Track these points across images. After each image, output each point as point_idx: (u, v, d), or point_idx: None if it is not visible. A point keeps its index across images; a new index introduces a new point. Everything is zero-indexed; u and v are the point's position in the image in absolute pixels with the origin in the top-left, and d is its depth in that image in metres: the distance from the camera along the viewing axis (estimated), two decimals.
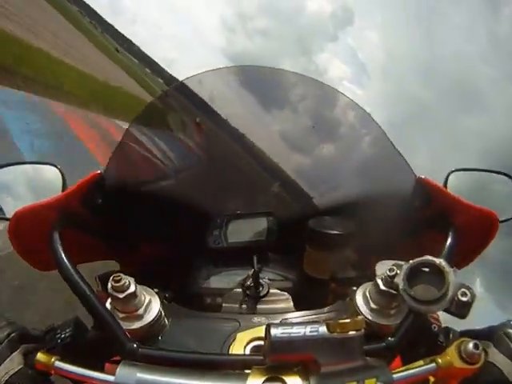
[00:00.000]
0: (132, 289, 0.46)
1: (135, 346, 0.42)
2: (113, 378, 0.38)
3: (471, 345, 0.39)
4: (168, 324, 0.50)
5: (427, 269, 0.41)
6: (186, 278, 0.74)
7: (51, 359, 0.42)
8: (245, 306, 0.63)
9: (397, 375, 0.38)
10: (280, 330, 0.36)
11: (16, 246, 0.54)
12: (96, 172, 0.61)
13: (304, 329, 0.36)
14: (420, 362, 0.41)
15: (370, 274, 0.64)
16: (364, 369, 0.36)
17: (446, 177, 0.74)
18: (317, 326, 0.36)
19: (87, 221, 0.60)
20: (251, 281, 0.64)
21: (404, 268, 0.42)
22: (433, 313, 0.47)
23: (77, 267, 0.48)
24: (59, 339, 0.44)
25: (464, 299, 0.39)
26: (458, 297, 0.39)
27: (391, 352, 0.44)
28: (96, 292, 0.47)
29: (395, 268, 0.45)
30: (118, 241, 0.69)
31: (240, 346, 0.48)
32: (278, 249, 0.76)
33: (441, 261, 0.40)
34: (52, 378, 0.44)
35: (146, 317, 0.48)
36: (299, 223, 0.68)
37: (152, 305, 0.49)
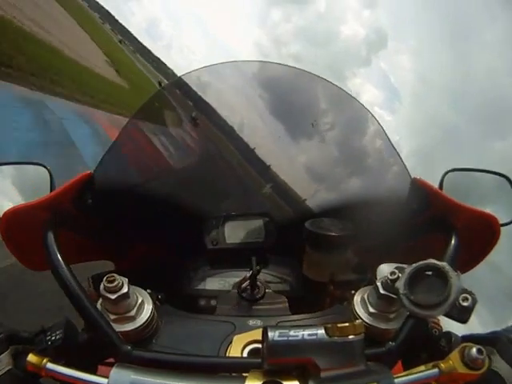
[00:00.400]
0: (124, 290, 0.45)
1: (129, 349, 0.41)
2: (106, 381, 0.37)
3: (475, 350, 0.38)
4: (161, 326, 0.50)
5: (430, 272, 0.40)
6: (181, 279, 0.73)
7: (42, 361, 0.41)
8: (240, 309, 0.62)
9: (399, 380, 0.38)
10: (277, 333, 0.35)
11: (9, 246, 0.53)
12: (86, 172, 0.61)
13: (302, 332, 0.35)
14: (422, 367, 0.40)
15: (370, 278, 0.63)
16: (365, 373, 0.36)
17: (442, 177, 0.73)
18: (315, 330, 0.35)
19: (79, 221, 0.60)
20: (248, 283, 0.63)
21: (407, 271, 0.41)
22: (433, 317, 0.46)
23: (70, 267, 0.48)
24: (49, 341, 0.43)
25: (465, 304, 0.38)
26: (460, 302, 0.38)
27: (392, 357, 0.43)
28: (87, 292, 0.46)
29: (397, 271, 0.45)
30: (111, 241, 0.68)
31: (237, 349, 0.47)
32: (277, 250, 0.75)
33: (444, 264, 0.39)
34: (42, 381, 0.43)
35: (138, 319, 0.47)
36: (296, 224, 0.67)
37: (144, 306, 0.48)
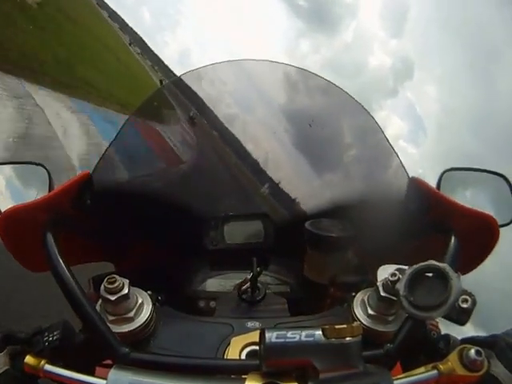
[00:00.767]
0: (125, 291, 0.45)
1: (127, 350, 0.41)
2: (104, 382, 0.37)
3: (473, 351, 0.38)
4: (160, 327, 0.49)
5: (430, 274, 0.40)
6: (181, 281, 0.73)
7: (40, 362, 0.41)
8: (239, 310, 0.62)
9: (398, 382, 0.38)
10: (275, 335, 0.35)
11: (8, 246, 0.53)
12: (84, 172, 0.60)
13: (299, 334, 0.35)
14: (421, 369, 0.40)
15: (370, 280, 0.63)
16: (364, 375, 0.36)
17: (440, 176, 0.73)
18: (312, 332, 0.35)
19: (79, 221, 0.59)
20: (248, 284, 0.63)
21: (407, 273, 0.41)
22: (432, 319, 0.46)
23: (70, 268, 0.48)
24: (47, 342, 0.43)
25: (465, 306, 0.38)
26: (459, 303, 0.38)
27: (391, 358, 0.43)
28: (87, 294, 0.46)
29: (397, 273, 0.44)
30: (111, 242, 0.68)
31: (235, 351, 0.47)
32: (277, 251, 0.75)
33: (445, 265, 0.39)
34: (39, 381, 0.43)
35: (137, 320, 0.47)
36: (296, 225, 0.67)
37: (143, 307, 0.48)
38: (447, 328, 0.46)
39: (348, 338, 0.34)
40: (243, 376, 0.37)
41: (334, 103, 0.78)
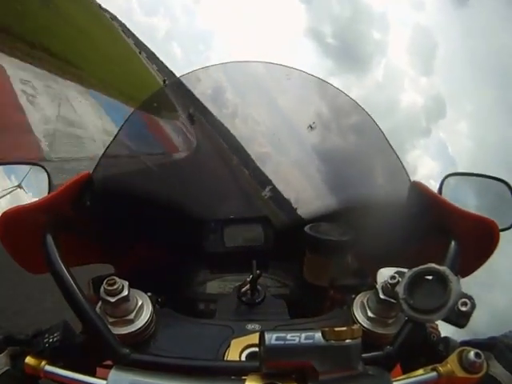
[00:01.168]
0: (124, 293, 0.45)
1: (127, 351, 0.41)
2: (104, 383, 0.38)
3: (472, 353, 0.38)
4: (160, 329, 0.49)
5: (430, 277, 0.40)
6: (181, 283, 0.73)
7: (41, 363, 0.41)
8: (239, 313, 0.62)
9: (397, 383, 0.38)
10: (274, 337, 0.35)
11: (7, 248, 0.53)
12: (84, 173, 0.60)
13: (299, 336, 0.35)
14: (420, 371, 0.40)
15: (370, 283, 0.63)
16: (364, 377, 0.36)
17: (442, 181, 0.73)
18: (312, 334, 0.35)
19: (78, 223, 0.59)
20: (248, 287, 0.63)
21: (407, 275, 0.41)
22: (432, 322, 0.46)
23: (70, 270, 0.48)
24: (47, 343, 0.43)
25: (464, 309, 0.38)
26: (458, 306, 0.38)
27: (390, 360, 0.43)
28: (87, 296, 0.46)
29: (397, 276, 0.45)
30: (111, 243, 0.68)
31: (235, 353, 0.47)
32: (277, 254, 0.75)
33: (445, 268, 0.39)
34: (40, 382, 0.43)
35: (137, 322, 0.47)
36: (295, 229, 0.67)
37: (143, 309, 0.48)
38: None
39: (348, 340, 0.35)
40: (243, 377, 0.37)
41: (336, 107, 0.78)
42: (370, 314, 0.48)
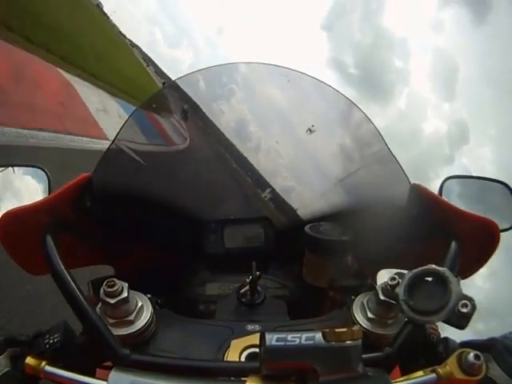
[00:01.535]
0: (124, 294, 0.45)
1: (127, 352, 0.41)
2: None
3: (472, 355, 0.38)
4: (160, 330, 0.49)
5: (430, 278, 0.40)
6: (181, 284, 0.73)
7: (41, 363, 0.41)
8: (239, 313, 0.62)
9: None
10: (275, 338, 0.35)
11: (7, 249, 0.53)
12: (85, 174, 0.60)
13: (299, 337, 0.35)
14: (420, 373, 0.40)
15: (370, 284, 0.63)
16: (364, 378, 0.36)
17: (442, 184, 0.73)
18: (313, 335, 0.35)
19: (78, 224, 0.60)
20: (248, 288, 0.63)
21: (407, 277, 0.41)
22: (432, 323, 0.46)
23: (70, 271, 0.48)
24: (47, 344, 0.43)
25: (464, 310, 0.38)
26: (459, 308, 0.38)
27: (390, 362, 0.43)
28: (87, 297, 0.46)
29: (397, 277, 0.45)
30: (110, 245, 0.68)
31: (235, 353, 0.47)
32: (276, 255, 0.75)
33: (445, 270, 0.39)
34: (40, 383, 0.43)
35: (137, 323, 0.47)
36: (295, 229, 0.67)
37: (143, 311, 0.48)
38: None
39: (348, 342, 0.35)
40: (243, 378, 0.37)
41: (336, 109, 0.78)
42: (370, 315, 0.48)
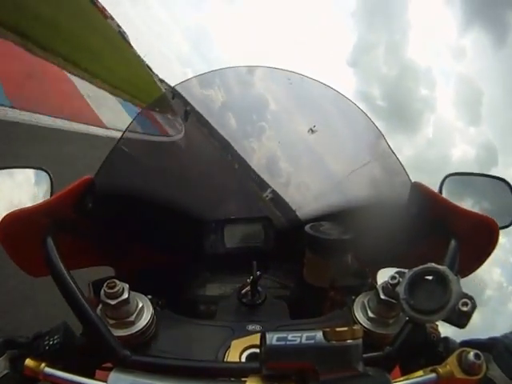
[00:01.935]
0: (125, 296, 0.45)
1: (128, 353, 0.41)
2: None
3: (472, 355, 0.38)
4: (160, 331, 0.49)
5: (430, 277, 0.40)
6: (181, 285, 0.73)
7: (40, 365, 0.41)
8: (239, 314, 0.62)
9: None
10: (275, 338, 0.35)
11: (8, 251, 0.53)
12: (87, 177, 0.60)
13: (300, 336, 0.35)
14: (420, 372, 0.40)
15: (370, 283, 0.63)
16: (364, 378, 0.36)
17: (442, 181, 0.73)
18: (313, 334, 0.35)
19: (80, 226, 0.60)
20: (248, 288, 0.63)
21: (407, 276, 0.41)
22: (432, 322, 0.46)
23: (70, 273, 0.48)
24: (47, 346, 0.43)
25: (465, 309, 0.38)
26: (459, 306, 0.38)
27: (390, 361, 0.43)
28: (87, 298, 0.46)
29: (397, 276, 0.45)
30: (111, 246, 0.68)
31: (235, 354, 0.47)
32: (277, 255, 0.75)
33: (445, 268, 0.39)
34: None
35: (137, 324, 0.47)
36: (296, 228, 0.67)
37: (144, 312, 0.48)
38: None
39: (349, 341, 0.35)
40: (243, 379, 0.37)
41: (336, 109, 0.79)
42: (371, 315, 0.48)
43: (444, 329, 0.48)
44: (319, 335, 0.35)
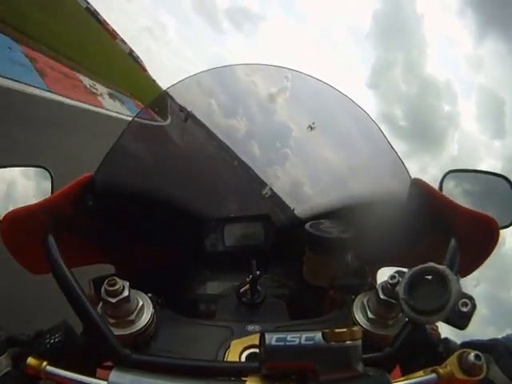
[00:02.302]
0: (125, 294, 0.45)
1: (128, 352, 0.41)
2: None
3: (472, 355, 0.38)
4: (160, 330, 0.49)
5: (430, 276, 0.40)
6: (181, 283, 0.73)
7: (42, 363, 0.41)
8: (239, 313, 0.62)
9: None
10: (275, 338, 0.35)
11: (10, 249, 0.53)
12: (87, 174, 0.61)
13: (299, 337, 0.35)
14: (420, 373, 0.40)
15: (370, 283, 0.63)
16: (364, 378, 0.36)
17: (442, 178, 0.73)
18: (312, 335, 0.35)
19: (80, 223, 0.60)
20: (247, 287, 0.63)
21: (406, 275, 0.41)
22: (432, 323, 0.46)
23: (71, 270, 0.48)
24: (48, 344, 0.43)
25: (464, 310, 0.38)
26: (459, 307, 0.38)
27: (390, 362, 0.43)
28: (88, 296, 0.46)
29: (397, 275, 0.44)
30: (112, 244, 0.69)
31: (235, 354, 0.47)
32: (276, 253, 0.75)
33: (445, 268, 0.39)
34: (41, 383, 0.43)
35: (138, 323, 0.47)
36: (296, 227, 0.67)
37: (144, 310, 0.48)
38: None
39: (348, 342, 0.35)
40: (243, 378, 0.37)
41: (335, 107, 0.78)
42: (370, 315, 0.48)
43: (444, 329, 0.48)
44: (318, 336, 0.35)
